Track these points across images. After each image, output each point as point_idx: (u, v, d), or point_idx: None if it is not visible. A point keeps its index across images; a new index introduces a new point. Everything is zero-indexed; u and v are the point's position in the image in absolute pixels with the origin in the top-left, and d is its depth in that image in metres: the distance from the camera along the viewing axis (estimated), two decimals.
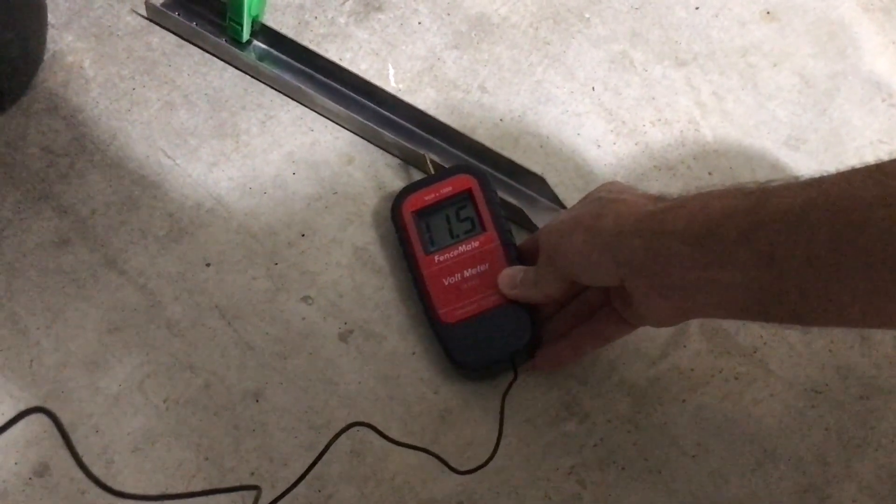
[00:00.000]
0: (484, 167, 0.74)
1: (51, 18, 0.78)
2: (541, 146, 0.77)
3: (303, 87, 0.76)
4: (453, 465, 0.63)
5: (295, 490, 0.59)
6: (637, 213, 0.54)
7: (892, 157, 0.45)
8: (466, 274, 0.67)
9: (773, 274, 0.47)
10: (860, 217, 0.43)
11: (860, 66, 0.81)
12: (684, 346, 0.69)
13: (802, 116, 0.79)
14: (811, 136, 0.78)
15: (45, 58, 0.78)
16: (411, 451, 0.63)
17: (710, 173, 0.76)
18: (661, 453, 0.66)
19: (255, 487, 0.52)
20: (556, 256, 0.59)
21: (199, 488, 0.63)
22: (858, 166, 0.46)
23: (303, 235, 0.72)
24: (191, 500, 0.59)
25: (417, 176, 0.74)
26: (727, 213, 0.49)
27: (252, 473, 0.64)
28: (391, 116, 0.77)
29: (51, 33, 0.78)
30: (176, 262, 0.71)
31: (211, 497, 0.61)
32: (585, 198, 0.62)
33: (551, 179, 0.73)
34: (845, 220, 0.44)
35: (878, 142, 0.78)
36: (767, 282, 0.48)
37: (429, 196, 0.70)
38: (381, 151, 0.76)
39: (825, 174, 0.47)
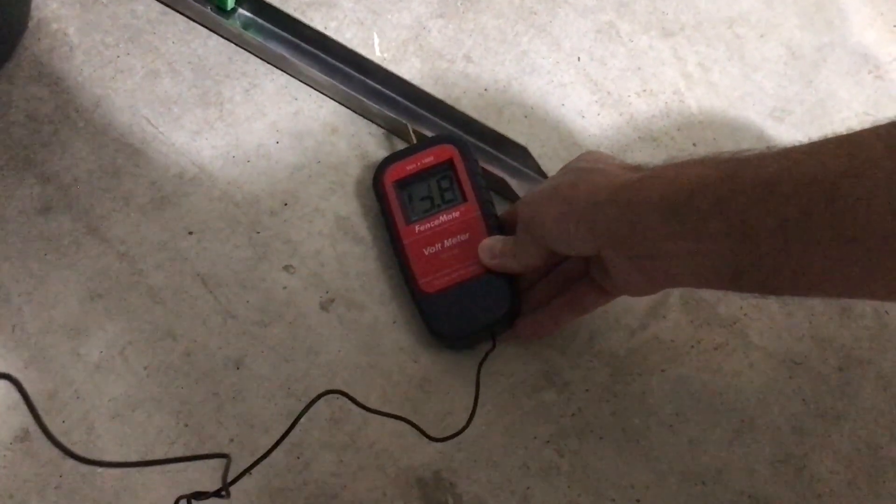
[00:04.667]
0: (467, 137, 0.74)
1: None
2: (525, 116, 0.76)
3: (287, 55, 0.76)
4: (432, 433, 0.63)
5: (274, 457, 0.59)
6: (613, 183, 0.54)
7: None
8: (447, 244, 0.67)
9: (746, 244, 0.47)
10: (829, 187, 0.43)
11: (847, 37, 0.81)
12: (664, 317, 0.69)
13: (788, 88, 0.79)
14: (797, 108, 0.78)
15: (30, 25, 0.77)
16: (390, 418, 0.63)
17: (694, 144, 0.76)
18: (639, 423, 0.66)
19: (225, 455, 0.52)
20: (534, 226, 0.59)
21: (178, 454, 0.64)
22: (830, 136, 0.46)
23: (285, 205, 0.72)
24: (162, 467, 0.60)
25: (401, 146, 0.74)
26: (700, 184, 0.49)
27: (232, 440, 0.65)
28: (375, 86, 0.77)
29: (35, 0, 0.78)
30: (158, 230, 0.71)
31: (187, 464, 0.62)
32: (564, 168, 0.62)
33: (535, 150, 0.73)
34: (815, 191, 0.44)
35: (864, 114, 0.77)
36: (740, 252, 0.48)
37: (410, 166, 0.70)
38: (365, 121, 0.76)
39: (799, 143, 0.47)
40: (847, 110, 0.78)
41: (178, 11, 0.79)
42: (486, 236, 0.66)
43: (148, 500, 0.63)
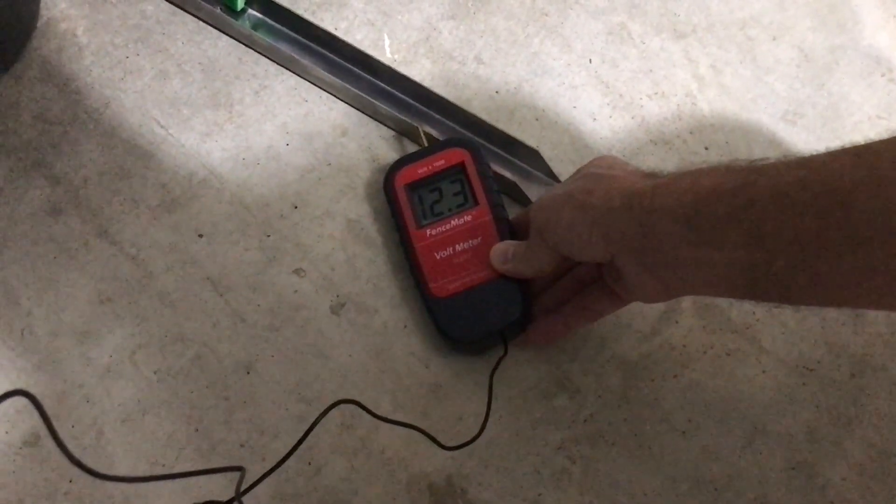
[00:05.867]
0: (478, 140, 0.73)
1: None
2: (536, 119, 0.76)
3: (297, 56, 0.76)
4: (443, 439, 0.63)
5: (286, 462, 0.59)
6: (627, 190, 0.54)
7: (891, 133, 0.45)
8: (458, 248, 0.67)
9: (761, 253, 0.47)
10: (847, 197, 0.43)
11: (860, 40, 0.80)
12: (676, 322, 0.69)
13: (801, 91, 0.78)
14: (809, 111, 0.77)
15: (39, 25, 0.77)
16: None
17: (706, 148, 0.75)
18: (651, 429, 0.66)
19: (240, 468, 0.52)
20: (547, 232, 0.59)
21: (189, 459, 0.64)
22: (847, 145, 0.45)
23: (295, 207, 0.72)
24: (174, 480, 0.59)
25: (411, 148, 0.74)
26: (716, 192, 0.49)
27: (242, 445, 0.64)
28: (386, 88, 0.76)
29: (44, 0, 0.77)
30: (168, 232, 0.70)
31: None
32: (577, 172, 0.61)
33: (546, 153, 0.73)
34: (833, 201, 0.44)
35: (877, 117, 0.77)
36: (755, 261, 0.48)
37: (422, 169, 0.69)
38: (376, 123, 0.75)
39: (815, 153, 0.47)
40: (859, 113, 0.77)
41: (187, 12, 0.78)
42: (498, 241, 0.66)
43: None
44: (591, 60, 0.79)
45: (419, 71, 0.77)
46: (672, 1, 0.81)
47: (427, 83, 0.75)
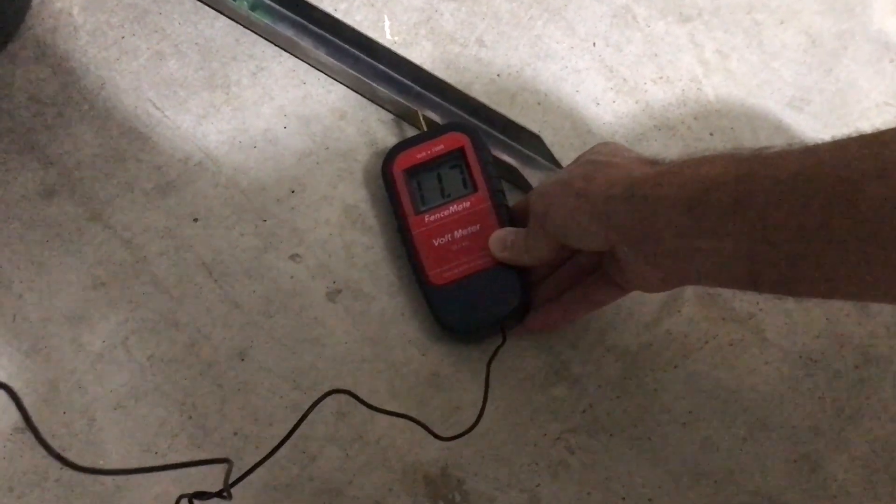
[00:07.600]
0: (479, 124, 0.72)
1: None
2: (538, 103, 0.75)
3: (295, 38, 0.75)
4: (440, 429, 0.62)
5: (278, 451, 0.58)
6: (628, 178, 0.53)
7: None
8: (457, 235, 0.65)
9: (764, 244, 0.46)
10: (854, 189, 0.42)
11: (869, 25, 0.79)
12: (678, 312, 0.68)
13: (808, 76, 0.77)
14: (816, 97, 0.76)
15: (33, 4, 0.76)
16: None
17: (711, 134, 0.74)
18: (651, 420, 0.65)
19: (226, 460, 0.51)
20: (546, 220, 0.58)
21: (182, 447, 0.63)
22: (854, 135, 0.44)
23: (292, 192, 0.71)
24: (165, 461, 0.58)
25: (411, 132, 0.73)
26: (719, 181, 0.47)
27: (235, 433, 0.64)
28: (385, 70, 0.75)
29: None
30: (163, 216, 0.69)
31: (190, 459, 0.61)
32: (578, 159, 0.60)
33: (548, 138, 0.71)
34: (839, 192, 0.42)
35: (885, 104, 0.75)
36: (758, 252, 0.47)
37: (420, 154, 0.68)
38: (375, 106, 0.74)
39: (821, 141, 0.46)
40: (867, 100, 0.76)
41: None
42: (497, 228, 0.65)
43: (150, 496, 0.62)
44: (594, 44, 0.77)
45: (419, 53, 0.76)
46: None
47: (427, 66, 0.74)
